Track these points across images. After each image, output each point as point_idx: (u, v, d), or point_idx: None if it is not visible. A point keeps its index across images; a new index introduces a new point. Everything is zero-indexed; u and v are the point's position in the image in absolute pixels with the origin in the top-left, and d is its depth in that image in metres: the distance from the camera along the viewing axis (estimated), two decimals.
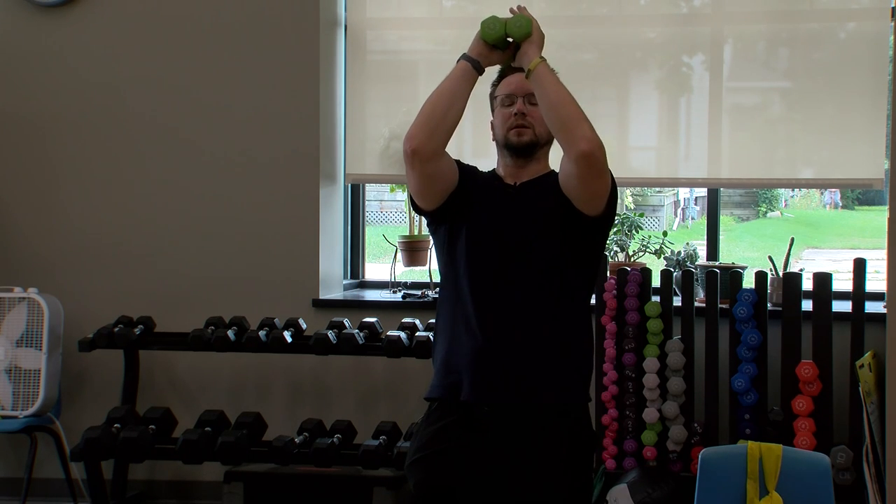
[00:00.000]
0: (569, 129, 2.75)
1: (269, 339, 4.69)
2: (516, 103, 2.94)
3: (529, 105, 2.93)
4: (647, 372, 4.59)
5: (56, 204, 5.27)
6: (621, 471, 4.60)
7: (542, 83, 2.81)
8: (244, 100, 5.14)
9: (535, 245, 2.86)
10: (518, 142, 2.93)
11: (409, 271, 5.54)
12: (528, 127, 2.93)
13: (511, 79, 2.98)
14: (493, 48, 2.92)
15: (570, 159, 2.77)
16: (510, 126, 2.94)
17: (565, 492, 2.82)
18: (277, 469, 4.61)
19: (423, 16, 5.29)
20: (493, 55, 2.93)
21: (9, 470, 5.28)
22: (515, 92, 2.95)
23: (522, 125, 2.92)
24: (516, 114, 2.92)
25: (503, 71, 3.02)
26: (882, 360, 4.34)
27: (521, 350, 2.84)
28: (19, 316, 4.94)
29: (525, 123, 2.93)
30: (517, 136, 2.93)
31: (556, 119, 2.78)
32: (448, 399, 2.88)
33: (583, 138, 2.73)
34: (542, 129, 2.93)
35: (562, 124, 2.77)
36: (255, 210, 5.14)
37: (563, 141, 2.78)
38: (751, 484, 3.32)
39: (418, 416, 3.10)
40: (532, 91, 2.90)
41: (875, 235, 8.25)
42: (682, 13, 5.11)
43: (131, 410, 4.74)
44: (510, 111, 2.94)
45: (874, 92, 4.79)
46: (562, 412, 2.85)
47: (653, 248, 5.07)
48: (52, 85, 5.25)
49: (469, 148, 5.15)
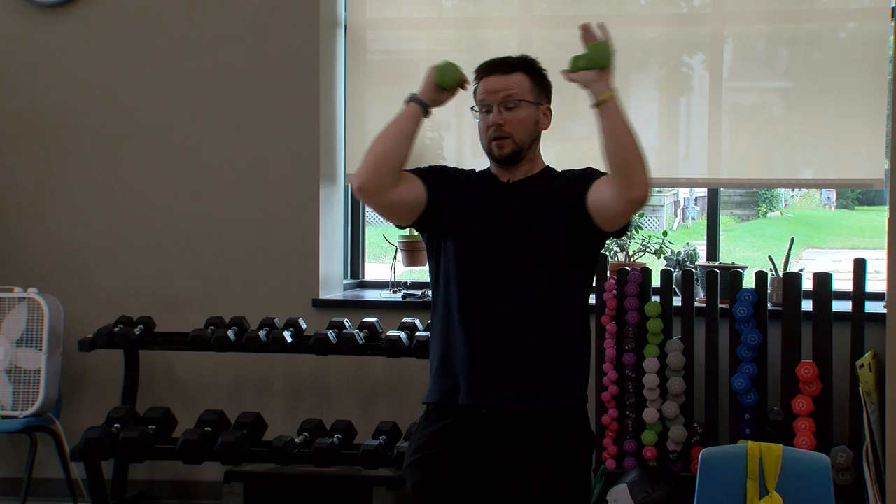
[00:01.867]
0: (630, 173, 2.68)
1: (269, 339, 4.69)
2: (493, 112, 2.86)
3: (506, 111, 2.85)
4: (647, 372, 4.59)
5: (56, 204, 5.27)
6: (621, 471, 4.60)
7: (611, 120, 2.70)
8: (244, 100, 5.14)
9: (530, 244, 2.83)
10: (500, 154, 2.87)
11: (409, 271, 5.55)
12: (507, 137, 2.85)
13: (486, 83, 2.89)
14: (445, 91, 2.88)
15: (622, 200, 2.70)
16: (490, 138, 2.87)
17: (564, 493, 2.81)
18: (277, 469, 4.61)
19: (423, 16, 5.29)
20: (442, 97, 2.89)
21: (9, 470, 5.28)
22: (490, 99, 2.87)
23: (501, 136, 2.86)
24: (492, 125, 2.85)
25: (478, 72, 2.93)
26: (882, 360, 4.34)
27: (517, 352, 2.82)
28: (19, 316, 4.94)
29: (503, 134, 2.85)
30: (498, 148, 2.87)
31: (618, 160, 2.69)
32: (446, 403, 2.87)
33: (640, 184, 2.68)
34: (523, 134, 2.86)
35: (623, 166, 2.69)
36: (255, 210, 5.14)
37: (619, 181, 2.69)
38: (751, 484, 3.32)
39: (418, 416, 3.09)
40: (509, 94, 2.84)
41: (875, 235, 8.24)
42: (682, 13, 5.12)
43: (131, 410, 4.74)
44: (487, 122, 2.88)
45: (874, 92, 4.79)
46: (559, 414, 2.83)
47: (653, 248, 5.07)
48: (52, 85, 5.25)
49: (469, 148, 5.16)
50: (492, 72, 2.89)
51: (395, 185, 2.84)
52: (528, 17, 5.13)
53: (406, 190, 2.87)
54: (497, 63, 2.91)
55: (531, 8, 5.15)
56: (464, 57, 5.09)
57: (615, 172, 2.70)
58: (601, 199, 2.76)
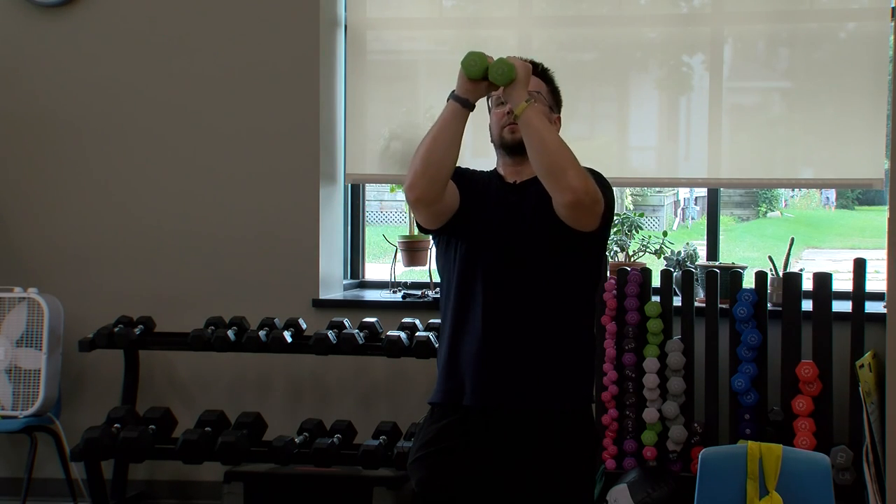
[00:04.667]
0: (555, 177, 2.73)
1: (269, 339, 4.69)
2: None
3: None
4: (647, 372, 4.59)
5: (56, 204, 5.27)
6: (621, 471, 4.60)
7: (528, 128, 2.76)
8: (244, 100, 5.14)
9: (536, 246, 2.85)
10: (512, 139, 2.91)
11: (409, 271, 5.55)
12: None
13: None
14: (479, 81, 2.84)
15: (559, 204, 2.75)
16: (503, 124, 2.93)
17: (569, 493, 2.82)
18: (277, 469, 4.61)
19: (423, 16, 5.30)
20: (479, 88, 2.84)
21: (9, 470, 5.28)
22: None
23: (515, 123, 2.89)
24: (509, 112, 2.90)
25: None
26: (882, 360, 4.34)
27: (523, 352, 2.83)
28: (19, 316, 4.94)
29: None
30: (511, 132, 2.91)
31: (541, 166, 2.75)
32: (451, 403, 2.87)
33: (567, 189, 2.71)
34: None
35: (547, 172, 2.74)
36: (255, 210, 5.14)
37: (549, 188, 2.75)
38: (751, 484, 3.32)
39: (418, 416, 3.10)
40: (529, 91, 2.87)
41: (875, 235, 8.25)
42: (682, 13, 5.12)
43: (131, 410, 4.74)
44: (503, 110, 2.93)
45: (874, 92, 4.79)
46: (564, 414, 2.84)
47: (653, 248, 5.08)
48: (52, 85, 5.25)
49: (469, 148, 5.15)
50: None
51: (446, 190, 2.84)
52: (528, 17, 5.13)
53: (451, 195, 2.88)
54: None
55: (531, 8, 5.15)
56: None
57: (544, 178, 2.76)
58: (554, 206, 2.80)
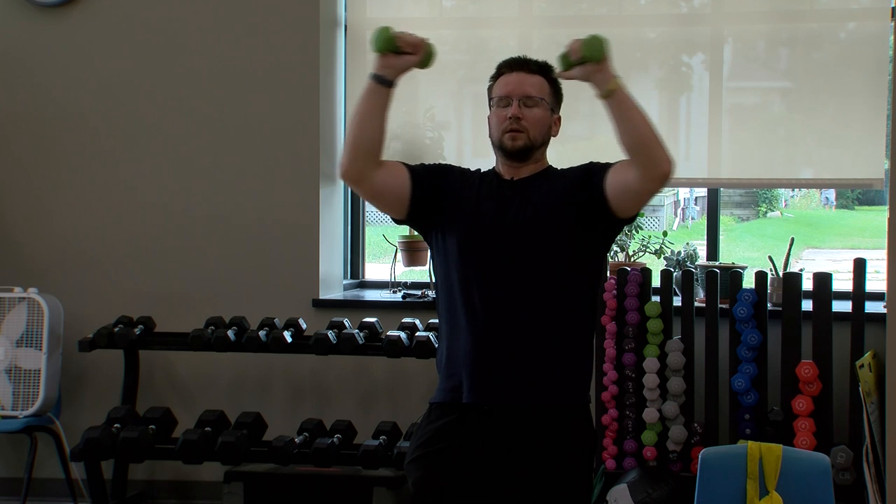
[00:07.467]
0: (650, 151, 2.72)
1: (269, 339, 4.69)
2: (512, 105, 2.89)
3: (525, 108, 2.88)
4: (647, 372, 4.59)
5: (56, 204, 5.27)
6: (621, 471, 4.60)
7: (622, 106, 2.74)
8: (244, 99, 5.14)
9: (533, 240, 2.83)
10: (512, 146, 2.89)
11: (409, 271, 5.55)
12: (522, 131, 2.88)
13: (508, 78, 2.93)
14: (391, 55, 2.81)
15: (648, 178, 2.74)
16: (504, 129, 2.89)
17: (566, 492, 2.81)
18: (277, 469, 4.61)
19: (423, 16, 5.29)
20: (395, 63, 2.82)
21: (9, 470, 5.28)
22: (511, 94, 2.90)
23: (517, 129, 2.88)
24: (511, 117, 2.88)
25: (500, 68, 2.97)
26: (882, 360, 4.34)
27: (520, 349, 2.82)
28: (19, 316, 4.94)
29: (519, 128, 2.88)
30: (511, 140, 2.89)
31: (637, 143, 2.73)
32: (450, 402, 2.87)
33: (664, 160, 2.72)
34: (537, 133, 2.89)
35: (643, 146, 2.73)
36: (255, 210, 5.14)
37: (641, 162, 2.73)
38: (751, 484, 3.32)
39: (418, 416, 3.10)
40: (528, 93, 2.88)
41: (875, 235, 8.24)
42: (681, 13, 5.12)
43: (131, 410, 4.74)
44: (505, 113, 2.90)
45: (874, 92, 4.79)
46: (562, 412, 2.84)
47: (653, 248, 5.07)
48: (52, 85, 5.25)
49: (469, 148, 5.15)
50: (516, 68, 2.93)
51: (376, 171, 2.87)
52: (528, 17, 5.13)
53: (389, 177, 2.89)
54: (522, 61, 2.96)
55: (531, 8, 5.15)
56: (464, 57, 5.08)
57: (637, 155, 2.74)
58: (623, 184, 2.79)
